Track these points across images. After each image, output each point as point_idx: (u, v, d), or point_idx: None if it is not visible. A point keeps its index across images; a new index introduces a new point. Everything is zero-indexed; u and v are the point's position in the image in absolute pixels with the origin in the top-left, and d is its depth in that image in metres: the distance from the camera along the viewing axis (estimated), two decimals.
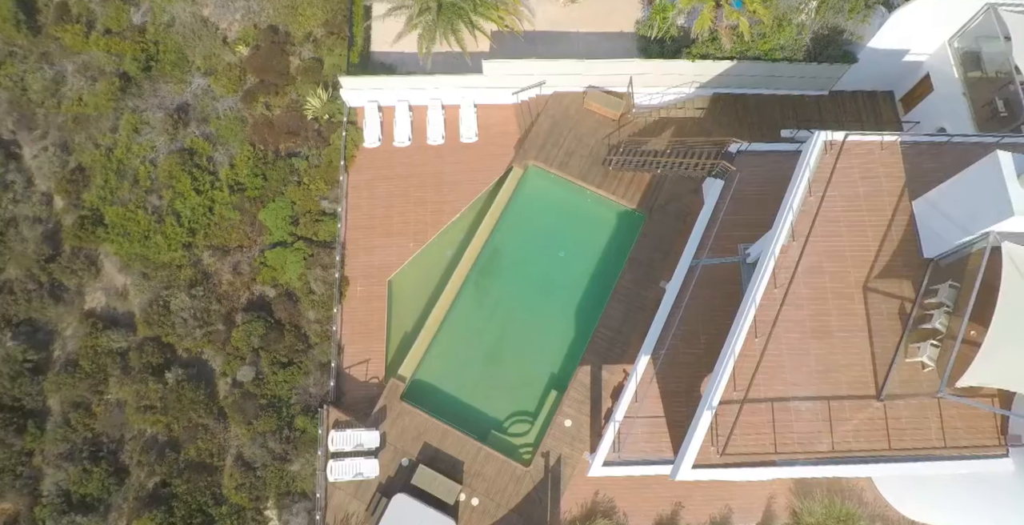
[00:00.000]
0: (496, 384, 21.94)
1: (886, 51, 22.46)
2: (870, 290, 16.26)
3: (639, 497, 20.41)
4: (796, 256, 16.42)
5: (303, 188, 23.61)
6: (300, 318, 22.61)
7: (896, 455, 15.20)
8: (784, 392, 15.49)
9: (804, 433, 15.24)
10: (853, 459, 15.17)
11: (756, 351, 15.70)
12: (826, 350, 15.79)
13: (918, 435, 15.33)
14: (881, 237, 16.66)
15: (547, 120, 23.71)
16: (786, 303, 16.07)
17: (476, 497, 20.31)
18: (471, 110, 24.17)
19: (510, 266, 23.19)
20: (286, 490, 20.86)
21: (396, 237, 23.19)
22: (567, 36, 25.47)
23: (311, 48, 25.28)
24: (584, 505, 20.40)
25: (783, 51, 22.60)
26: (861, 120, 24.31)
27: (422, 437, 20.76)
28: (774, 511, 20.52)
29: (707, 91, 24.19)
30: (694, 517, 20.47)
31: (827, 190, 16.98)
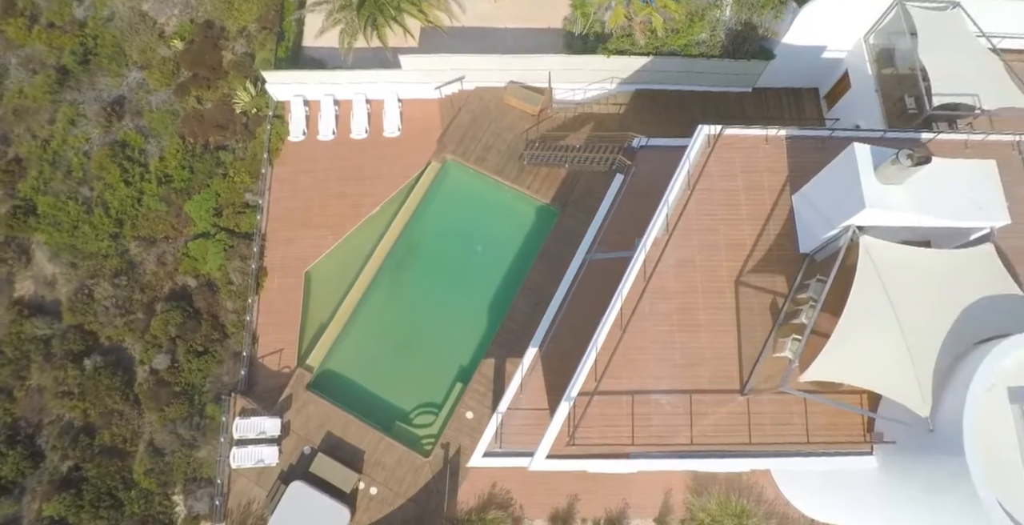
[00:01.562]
0: (405, 376, 22.15)
1: (803, 48, 22.35)
2: (743, 284, 16.23)
3: (535, 490, 20.47)
4: (670, 249, 16.44)
5: (228, 180, 24.02)
6: (218, 308, 23.00)
7: (757, 450, 15.16)
8: (646, 385, 15.51)
9: (663, 426, 15.23)
10: (711, 453, 15.15)
11: (621, 344, 15.74)
12: (692, 344, 15.78)
13: (781, 431, 15.25)
14: (758, 232, 16.62)
15: (467, 115, 23.91)
16: (656, 296, 16.10)
17: (375, 486, 20.53)
18: (395, 105, 24.44)
19: (428, 260, 23.41)
20: (192, 476, 21.22)
21: (316, 229, 23.51)
22: (495, 32, 25.61)
23: (244, 43, 25.72)
24: (481, 496, 20.53)
25: (699, 47, 22.58)
26: (784, 117, 24.20)
27: (325, 426, 21.04)
28: (671, 506, 20.49)
29: (629, 87, 24.22)
30: (590, 511, 20.51)
31: (707, 184, 16.97)
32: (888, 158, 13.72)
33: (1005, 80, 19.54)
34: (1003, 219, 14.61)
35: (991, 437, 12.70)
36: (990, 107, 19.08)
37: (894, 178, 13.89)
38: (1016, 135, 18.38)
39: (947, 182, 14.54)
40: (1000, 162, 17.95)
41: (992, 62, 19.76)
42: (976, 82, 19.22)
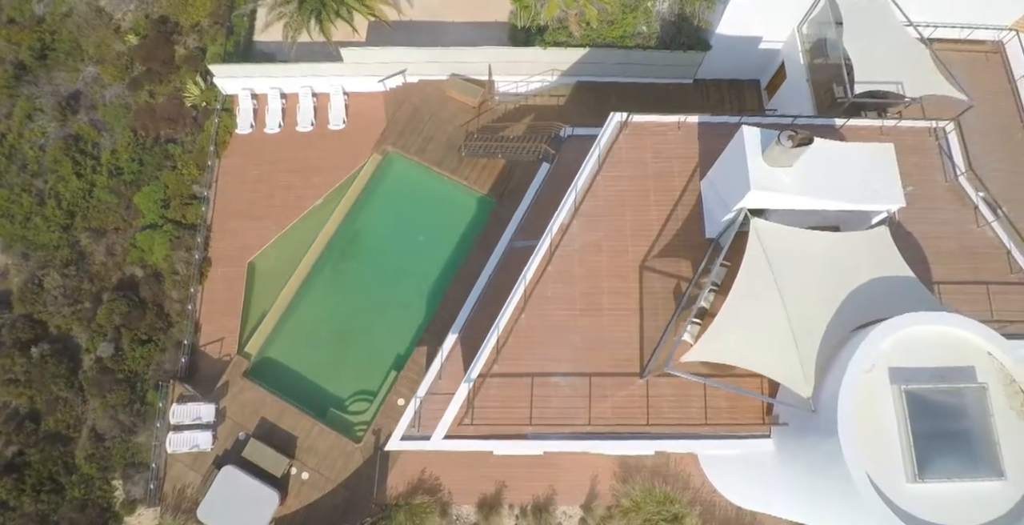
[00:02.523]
0: (343, 364, 22.45)
1: (738, 38, 22.45)
2: (648, 269, 16.36)
3: (464, 476, 20.70)
4: (576, 234, 16.62)
5: (176, 173, 24.47)
6: (163, 297, 23.43)
7: (653, 432, 15.27)
8: (547, 367, 15.67)
9: (562, 408, 15.39)
10: (608, 435, 15.28)
11: (523, 327, 15.93)
12: (594, 328, 15.93)
13: (679, 413, 15.36)
14: (666, 217, 16.76)
15: (409, 107, 24.22)
16: (559, 280, 16.27)
17: (307, 471, 20.83)
18: (340, 98, 24.79)
19: (370, 250, 23.72)
20: (131, 461, 21.62)
21: (260, 220, 23.89)
22: (443, 25, 25.89)
23: (196, 38, 26.21)
24: (410, 482, 20.77)
25: (635, 38, 22.75)
26: (725, 108, 24.27)
27: (260, 412, 21.38)
28: (597, 492, 20.62)
29: (570, 79, 24.42)
30: (517, 497, 20.69)
31: (616, 170, 17.14)
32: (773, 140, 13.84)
33: (930, 68, 19.55)
34: (898, 202, 14.65)
35: (870, 418, 12.74)
36: (914, 95, 19.11)
37: (781, 160, 13.99)
38: (932, 121, 18.44)
39: (842, 165, 14.62)
40: (917, 148, 18.19)
41: (918, 51, 19.77)
42: (900, 70, 19.23)
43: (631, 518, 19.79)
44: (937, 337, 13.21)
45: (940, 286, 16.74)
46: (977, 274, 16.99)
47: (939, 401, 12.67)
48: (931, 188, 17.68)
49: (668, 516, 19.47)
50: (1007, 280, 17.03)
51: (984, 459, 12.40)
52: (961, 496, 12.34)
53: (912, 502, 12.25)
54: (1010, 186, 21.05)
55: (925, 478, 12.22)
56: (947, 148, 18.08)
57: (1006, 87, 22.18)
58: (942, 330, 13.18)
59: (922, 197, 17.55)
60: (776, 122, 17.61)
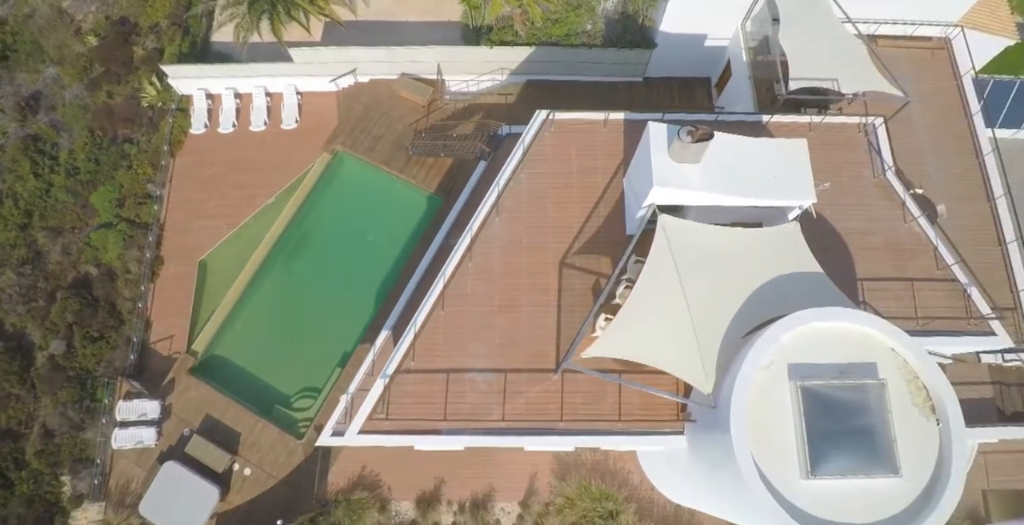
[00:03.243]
0: (290, 361, 22.60)
1: (683, 36, 22.44)
2: (567, 266, 16.40)
3: (404, 472, 20.79)
4: (498, 231, 16.69)
5: (131, 172, 24.75)
6: (116, 296, 23.68)
7: (567, 428, 15.29)
8: (464, 363, 15.76)
9: (476, 404, 15.47)
10: (522, 431, 15.31)
11: (442, 323, 16.01)
12: (512, 324, 16.01)
13: (593, 409, 15.40)
14: (588, 214, 16.80)
15: (359, 106, 24.37)
16: (479, 278, 16.35)
17: (249, 467, 20.99)
18: (293, 97, 24.99)
19: (319, 249, 23.86)
20: (79, 456, 21.88)
21: (213, 219, 24.10)
22: (399, 25, 26.05)
23: (154, 39, 26.51)
24: (351, 478, 20.90)
25: (581, 37, 22.78)
26: (674, 106, 24.23)
27: (205, 409, 21.56)
28: (536, 489, 20.66)
29: (519, 78, 24.47)
30: (456, 493, 20.76)
31: (540, 168, 17.20)
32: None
33: (866, 64, 19.47)
34: (809, 198, 14.62)
35: (767, 414, 12.70)
36: (848, 91, 19.05)
37: (686, 157, 14.00)
38: (862, 117, 18.36)
39: (754, 161, 14.63)
40: (847, 144, 18.12)
41: (855, 47, 19.69)
42: (835, 67, 19.16)
43: (566, 515, 19.78)
44: (839, 333, 13.15)
45: (865, 283, 16.68)
46: (903, 270, 16.91)
47: (836, 397, 12.61)
48: (859, 184, 17.62)
49: (603, 513, 19.45)
50: (933, 276, 16.95)
51: (880, 456, 12.32)
52: (857, 493, 12.28)
53: (805, 498, 12.20)
54: (954, 181, 20.99)
55: (817, 475, 12.18)
56: (876, 144, 17.98)
57: (952, 83, 22.02)
58: (844, 326, 13.13)
59: (850, 193, 17.52)
60: (702, 119, 17.60)
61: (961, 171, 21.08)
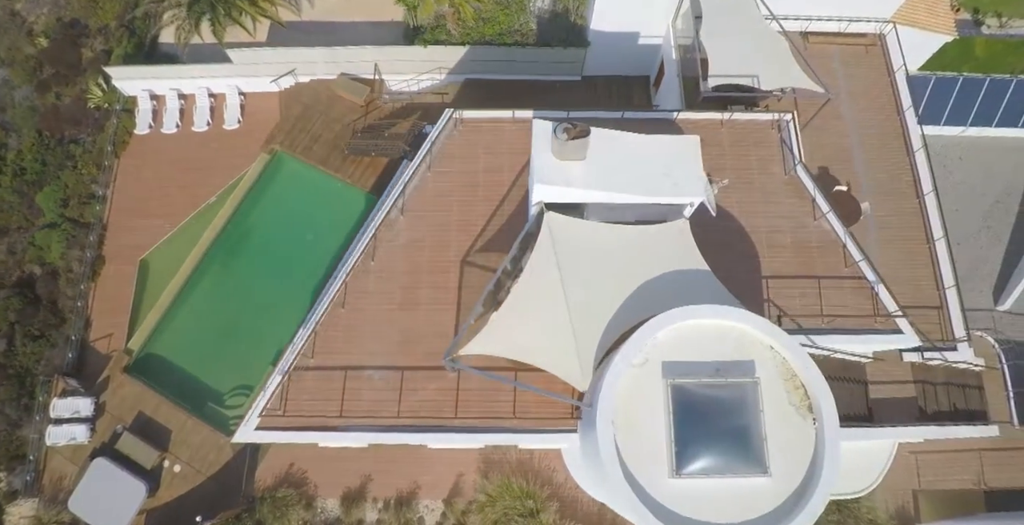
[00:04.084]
0: (226, 359, 22.77)
1: (615, 34, 22.41)
2: (469, 264, 16.43)
3: (330, 470, 20.86)
4: (401, 230, 16.75)
5: (76, 172, 25.05)
6: (58, 294, 23.96)
7: (461, 425, 15.32)
8: (362, 361, 15.85)
9: (373, 401, 15.57)
10: (416, 428, 15.35)
11: (342, 321, 16.10)
12: (411, 322, 16.07)
13: (487, 407, 15.41)
14: (492, 212, 16.81)
15: (299, 106, 24.53)
16: (381, 276, 16.42)
17: (179, 464, 21.18)
18: (236, 98, 25.18)
19: (258, 247, 24.03)
20: (15, 453, 22.18)
21: (155, 219, 24.31)
22: (342, 25, 26.20)
23: (102, 40, 26.83)
24: (278, 475, 21.00)
25: (513, 35, 22.79)
26: (612, 105, 24.17)
27: (138, 406, 21.76)
28: (461, 487, 20.67)
29: (458, 77, 24.52)
30: (382, 491, 20.81)
31: (446, 166, 17.24)
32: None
33: (788, 61, 19.36)
34: (699, 196, 14.54)
35: (640, 412, 12.66)
36: (768, 88, 18.95)
37: (569, 154, 13.96)
38: (774, 114, 18.24)
39: (644, 159, 14.55)
40: (759, 141, 18.03)
41: (777, 44, 19.58)
42: (756, 64, 19.09)
43: (488, 513, 19.79)
44: (717, 331, 13.10)
45: (770, 280, 16.59)
46: (810, 268, 16.80)
47: (706, 396, 12.56)
48: (770, 181, 17.50)
49: (524, 511, 19.44)
50: (840, 274, 16.81)
51: (748, 456, 12.26)
52: (726, 492, 12.22)
53: (672, 497, 12.16)
54: (884, 178, 20.87)
55: (683, 473, 12.14)
56: (789, 140, 17.85)
57: (885, 80, 21.84)
58: (722, 324, 13.06)
59: (760, 190, 17.42)
60: (608, 117, 17.60)
61: (892, 168, 20.95)
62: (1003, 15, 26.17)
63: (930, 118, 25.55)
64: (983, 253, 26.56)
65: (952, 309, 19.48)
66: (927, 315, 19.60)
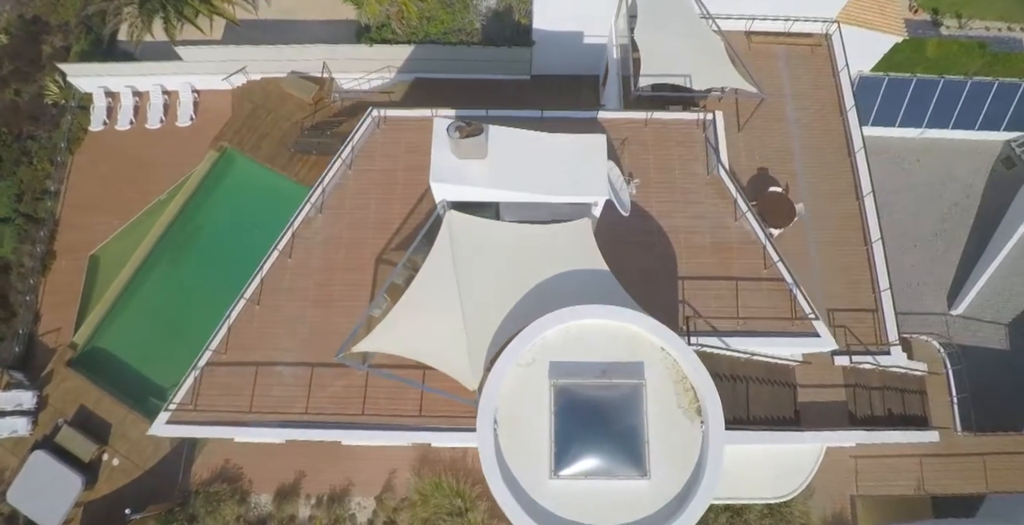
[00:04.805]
0: (170, 354, 22.58)
1: (559, 34, 22.38)
2: (384, 262, 16.46)
3: (265, 465, 20.99)
4: (320, 227, 16.81)
5: (32, 168, 25.35)
6: (9, 289, 24.29)
7: (368, 423, 15.36)
8: (273, 357, 15.92)
9: (282, 397, 15.62)
10: (323, 424, 15.41)
11: (255, 317, 16.19)
12: (323, 319, 16.11)
13: (395, 405, 15.44)
14: (410, 210, 16.83)
15: (249, 104, 24.68)
16: (297, 273, 16.49)
17: (117, 458, 21.39)
18: (189, 95, 25.39)
19: (205, 244, 24.21)
20: None
21: (106, 215, 24.54)
22: (297, 24, 26.34)
23: (62, 37, 27.12)
24: (214, 470, 21.15)
25: (458, 34, 22.80)
26: (559, 104, 24.07)
27: (80, 400, 21.98)
28: (393, 485, 20.72)
29: (408, 76, 24.58)
30: (315, 487, 20.90)
31: (367, 164, 17.29)
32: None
33: (722, 60, 19.24)
34: (602, 194, 14.45)
35: (526, 412, 12.59)
36: (700, 87, 18.85)
37: (469, 152, 13.93)
38: (700, 113, 18.13)
39: (548, 157, 14.48)
40: (683, 140, 17.92)
41: (712, 43, 19.46)
42: (689, 63, 18.98)
43: (417, 511, 19.86)
44: (608, 331, 13.01)
45: (687, 281, 16.48)
46: (728, 269, 16.66)
47: (590, 397, 12.49)
48: (692, 181, 17.38)
49: (453, 510, 19.48)
50: (759, 276, 16.66)
51: (629, 458, 12.16)
52: (605, 494, 12.14)
53: (551, 498, 12.10)
54: (824, 179, 20.69)
55: (561, 474, 12.08)
56: (713, 140, 17.72)
57: (830, 80, 21.64)
58: (613, 324, 12.98)
59: (681, 190, 17.31)
60: (528, 117, 17.61)
61: (833, 169, 20.76)
62: (963, 16, 25.83)
63: (885, 120, 25.39)
64: (939, 256, 26.29)
65: (887, 312, 19.26)
66: (862, 318, 19.42)
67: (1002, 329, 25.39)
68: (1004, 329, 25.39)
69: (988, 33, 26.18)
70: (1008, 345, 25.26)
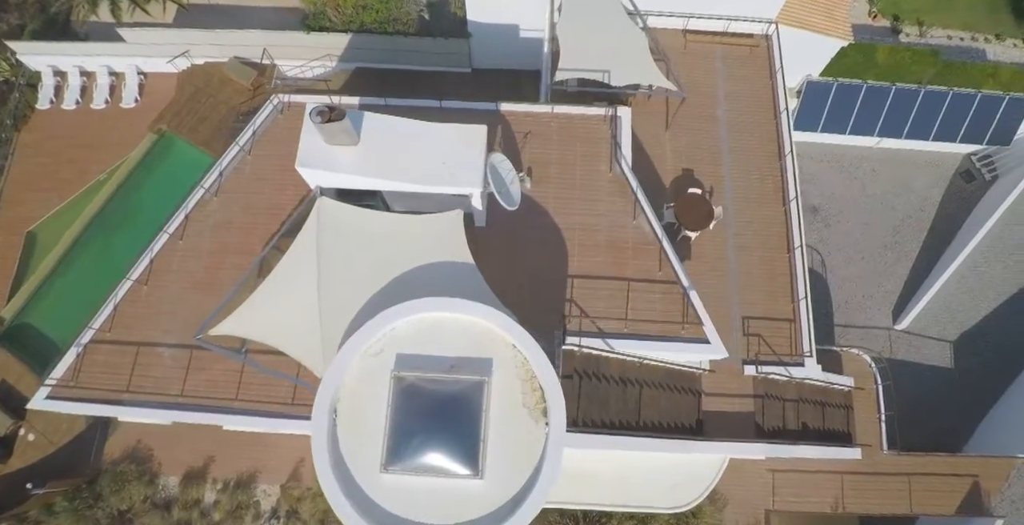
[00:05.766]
0: None
1: (495, 26, 22.09)
2: (273, 248, 16.30)
3: (176, 447, 21.00)
4: (212, 211, 16.76)
5: None
6: None
7: (239, 408, 15.28)
8: (156, 338, 15.91)
9: (159, 378, 15.65)
10: (197, 407, 15.34)
11: (142, 298, 16.18)
12: (207, 302, 15.97)
13: (269, 391, 15.35)
14: (303, 196, 16.67)
15: (191, 87, 24.73)
16: (186, 255, 16.46)
17: (33, 433, 21.55)
18: (135, 77, 25.50)
19: (140, 224, 24.13)
20: None
21: (47, 193, 24.70)
22: (246, 9, 26.37)
23: (18, 15, 27.43)
24: (126, 450, 21.21)
25: (395, 24, 22.62)
26: (501, 98, 23.75)
27: (1, 375, 22.24)
28: (300, 474, 20.63)
29: (349, 65, 24.46)
30: (222, 471, 20.89)
31: (267, 150, 17.20)
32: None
33: (644, 58, 18.84)
34: (476, 186, 14.18)
35: (369, 404, 12.32)
36: (619, 84, 18.47)
37: (338, 138, 13.75)
38: (607, 109, 17.75)
39: (424, 147, 14.27)
40: (588, 137, 17.56)
41: (635, 40, 19.07)
42: (610, 59, 18.61)
43: (319, 502, 19.75)
44: (459, 326, 12.73)
45: (577, 280, 16.12)
46: (621, 270, 16.29)
47: (432, 391, 12.22)
48: (593, 178, 17.01)
49: None
50: (653, 278, 16.25)
51: (463, 456, 11.85)
52: (439, 492, 11.84)
53: (383, 493, 11.85)
54: (751, 183, 20.26)
55: (391, 469, 11.83)
56: (619, 137, 17.31)
57: (767, 82, 21.12)
58: (465, 319, 12.70)
59: (581, 187, 16.96)
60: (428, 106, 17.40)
61: (761, 173, 20.28)
62: (924, 24, 25.01)
63: (835, 126, 24.72)
64: (887, 269, 25.57)
65: (804, 322, 18.72)
66: (778, 327, 18.92)
67: (947, 347, 24.63)
68: (949, 347, 24.63)
69: (950, 42, 25.34)
70: (952, 363, 24.51)
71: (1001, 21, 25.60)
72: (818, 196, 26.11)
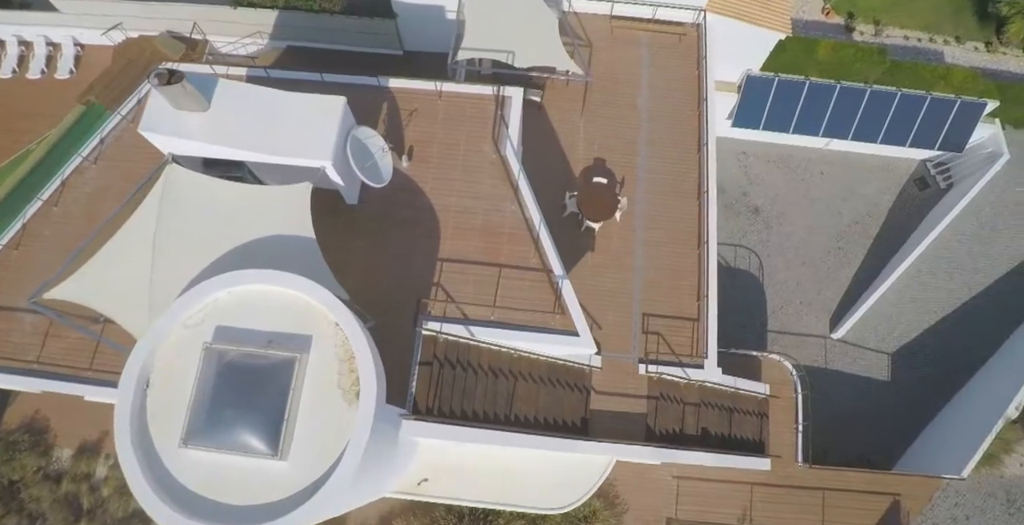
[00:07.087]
0: None
1: (420, 6, 21.56)
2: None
3: (72, 420, 20.73)
4: (91, 178, 16.60)
5: None
6: None
7: (95, 378, 14.98)
8: (17, 303, 15.47)
9: (18, 343, 15.38)
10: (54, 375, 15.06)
11: (12, 262, 16.00)
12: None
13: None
14: None
15: (123, 60, 24.56)
16: (60, 221, 16.45)
17: None
18: (71, 48, 25.45)
19: None
20: None
21: None
22: None
23: None
24: (24, 420, 20.98)
25: (320, 2, 22.21)
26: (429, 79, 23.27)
27: None
28: None
29: (281, 43, 24.12)
30: None
31: None
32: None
33: (551, 40, 18.22)
34: (326, 159, 13.64)
35: (182, 376, 11.75)
36: (522, 66, 17.87)
37: (185, 103, 13.30)
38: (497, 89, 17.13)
39: (279, 116, 13.77)
40: (476, 116, 17.00)
41: (544, 21, 18.43)
42: (515, 41, 18.02)
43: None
44: (285, 301, 12.20)
45: (446, 263, 15.50)
46: (495, 255, 15.61)
47: (242, 365, 11.66)
48: (476, 159, 16.36)
49: None
50: (528, 265, 15.56)
51: (264, 435, 11.27)
52: (239, 472, 11.28)
53: (184, 469, 11.35)
54: (666, 175, 19.53)
55: (189, 444, 11.31)
56: (507, 118, 16.64)
57: (694, 73, 20.33)
58: (288, 294, 12.16)
59: (463, 168, 16.33)
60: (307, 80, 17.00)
61: (678, 166, 19.51)
62: (880, 22, 23.89)
63: (776, 124, 23.81)
64: (829, 276, 24.57)
65: (709, 322, 17.90)
66: (681, 326, 18.15)
67: (885, 359, 23.59)
68: (887, 359, 23.59)
69: (907, 42, 24.19)
70: (889, 375, 23.47)
71: (964, 23, 24.39)
72: (761, 197, 25.18)
